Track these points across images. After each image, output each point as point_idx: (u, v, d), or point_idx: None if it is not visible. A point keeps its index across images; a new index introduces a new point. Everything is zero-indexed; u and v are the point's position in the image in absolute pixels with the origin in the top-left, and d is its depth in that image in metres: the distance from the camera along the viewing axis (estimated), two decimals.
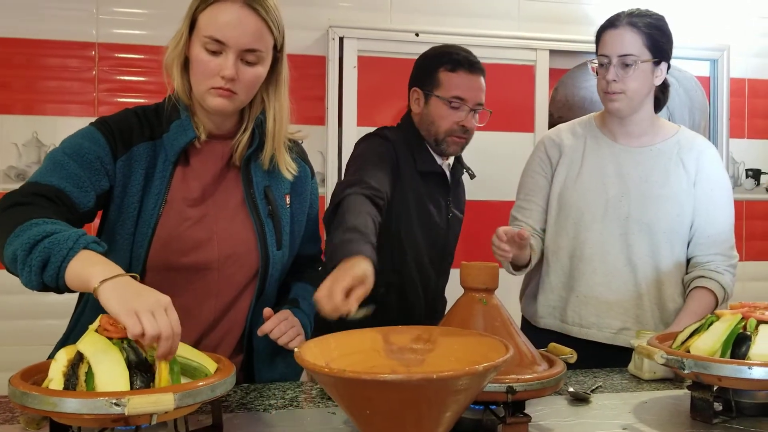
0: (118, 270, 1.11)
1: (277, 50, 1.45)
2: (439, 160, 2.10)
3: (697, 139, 1.96)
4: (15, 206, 1.23)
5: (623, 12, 1.87)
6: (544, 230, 1.98)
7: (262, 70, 1.40)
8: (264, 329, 1.43)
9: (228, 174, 1.48)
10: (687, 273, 1.91)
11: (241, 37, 1.33)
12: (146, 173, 1.39)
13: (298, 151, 1.61)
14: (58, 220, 1.20)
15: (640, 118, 1.91)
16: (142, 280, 1.22)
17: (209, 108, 1.39)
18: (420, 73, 2.07)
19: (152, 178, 1.40)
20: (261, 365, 1.54)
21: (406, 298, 2.04)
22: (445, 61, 2.02)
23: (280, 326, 1.43)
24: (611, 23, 1.86)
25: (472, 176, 2.21)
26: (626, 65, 1.82)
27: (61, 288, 1.15)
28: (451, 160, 2.18)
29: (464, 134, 2.04)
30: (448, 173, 2.14)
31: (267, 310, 1.44)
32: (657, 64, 1.85)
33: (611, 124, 1.94)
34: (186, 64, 1.41)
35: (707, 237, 1.89)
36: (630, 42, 1.82)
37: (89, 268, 1.10)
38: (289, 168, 1.52)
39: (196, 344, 1.44)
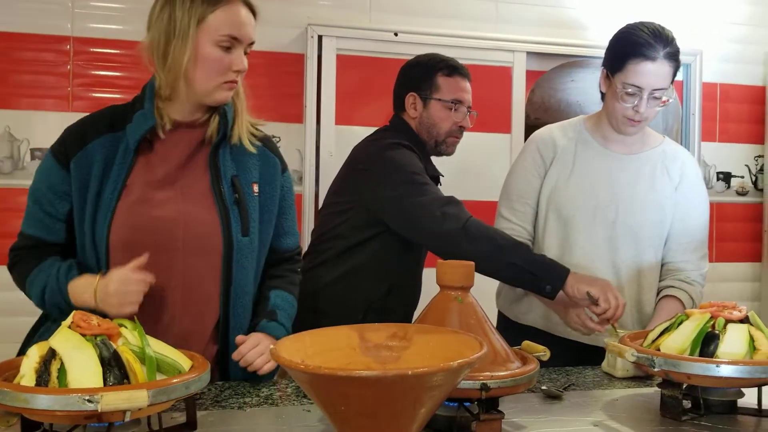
0: (91, 284, 1.38)
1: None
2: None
3: (680, 150, 2.02)
4: (17, 264, 1.52)
5: (650, 38, 1.77)
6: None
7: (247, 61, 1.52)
8: (238, 355, 1.47)
9: (196, 161, 1.53)
10: (660, 278, 1.95)
11: (249, 33, 1.47)
12: (105, 163, 1.46)
13: (266, 143, 1.64)
14: (41, 264, 1.47)
15: None
16: (107, 261, 1.44)
17: (216, 101, 1.49)
18: (415, 78, 2.13)
19: (112, 166, 1.46)
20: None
21: (411, 301, 2.14)
22: (442, 66, 2.12)
23: (252, 353, 1.47)
24: (647, 55, 1.76)
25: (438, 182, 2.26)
26: (656, 97, 1.81)
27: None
28: None
29: (460, 134, 2.15)
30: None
31: (239, 338, 1.48)
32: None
33: (605, 131, 1.95)
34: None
35: (680, 244, 1.94)
36: (666, 75, 1.79)
37: (80, 298, 1.40)
38: (251, 141, 1.57)
39: (167, 328, 1.46)
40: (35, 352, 1.07)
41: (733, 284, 3.65)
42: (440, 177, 2.17)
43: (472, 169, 3.21)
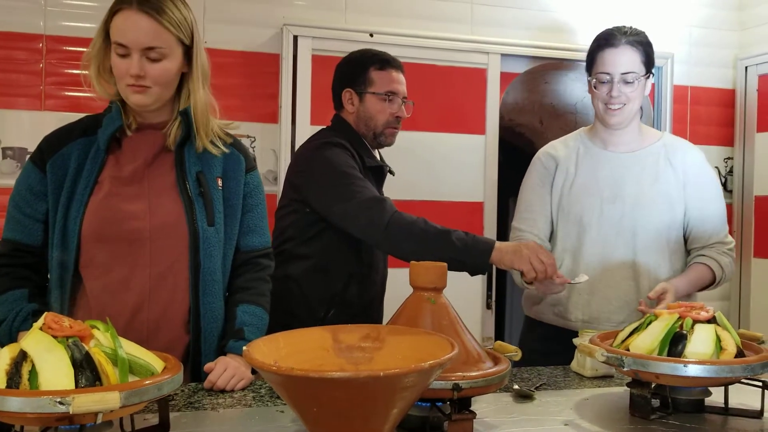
0: None
1: (188, 46, 1.58)
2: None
3: (680, 141, 2.12)
4: None
5: (614, 31, 1.97)
6: (548, 238, 2.08)
7: (168, 64, 1.54)
8: (208, 384, 1.48)
9: (162, 160, 1.60)
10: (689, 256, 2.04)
11: (138, 38, 1.51)
12: (79, 164, 1.56)
13: (234, 144, 1.70)
14: (9, 293, 1.52)
15: (631, 127, 2.04)
16: (78, 253, 1.52)
17: (132, 104, 1.56)
18: (349, 74, 2.21)
19: (84, 165, 1.56)
20: (208, 348, 1.58)
21: (367, 291, 2.16)
22: (374, 60, 2.19)
23: (223, 377, 1.48)
24: (609, 43, 1.96)
25: (392, 173, 2.29)
26: (627, 82, 1.95)
27: None
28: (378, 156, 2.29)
29: (397, 125, 2.22)
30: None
31: (207, 365, 1.51)
32: (648, 77, 2.00)
33: (602, 133, 2.07)
34: (110, 70, 1.57)
35: (704, 231, 2.02)
36: (631, 60, 1.95)
37: None
38: (216, 144, 1.64)
39: (137, 316, 1.52)
40: (6, 354, 1.06)
41: None
42: (386, 168, 2.24)
43: (447, 170, 3.22)
